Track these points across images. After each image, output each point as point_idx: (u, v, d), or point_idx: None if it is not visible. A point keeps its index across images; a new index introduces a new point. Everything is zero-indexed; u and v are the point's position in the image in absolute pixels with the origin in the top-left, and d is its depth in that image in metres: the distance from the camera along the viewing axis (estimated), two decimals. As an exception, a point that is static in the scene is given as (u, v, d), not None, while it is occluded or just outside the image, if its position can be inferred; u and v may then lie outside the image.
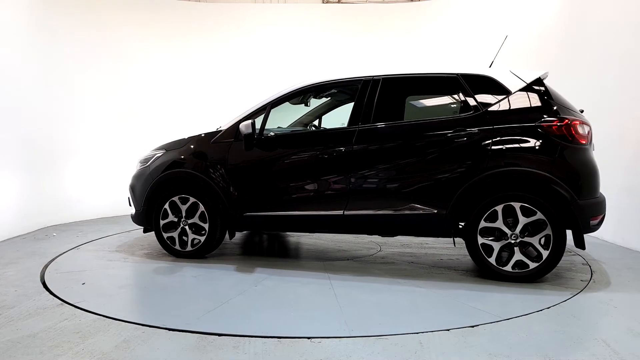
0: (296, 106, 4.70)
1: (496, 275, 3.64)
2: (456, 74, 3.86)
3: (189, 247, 4.44)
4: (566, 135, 3.53)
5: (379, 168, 3.86)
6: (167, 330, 2.72)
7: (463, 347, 2.49)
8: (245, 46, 8.15)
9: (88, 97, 7.07)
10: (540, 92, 3.70)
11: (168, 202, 4.42)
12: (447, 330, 2.71)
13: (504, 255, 3.64)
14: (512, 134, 3.61)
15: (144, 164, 4.67)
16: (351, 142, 3.92)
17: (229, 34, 8.15)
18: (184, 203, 4.40)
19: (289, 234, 5.72)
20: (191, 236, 4.42)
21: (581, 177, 3.56)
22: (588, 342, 2.56)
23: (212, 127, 4.63)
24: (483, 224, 3.63)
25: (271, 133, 4.26)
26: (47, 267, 4.22)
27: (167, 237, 4.49)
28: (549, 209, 3.48)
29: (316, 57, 8.10)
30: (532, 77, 3.77)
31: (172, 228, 4.47)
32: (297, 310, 3.10)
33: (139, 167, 4.72)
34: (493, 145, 3.62)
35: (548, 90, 3.71)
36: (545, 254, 3.53)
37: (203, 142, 4.42)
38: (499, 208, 3.58)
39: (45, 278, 3.88)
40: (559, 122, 3.55)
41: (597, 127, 4.03)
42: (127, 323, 2.84)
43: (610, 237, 5.13)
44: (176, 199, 4.41)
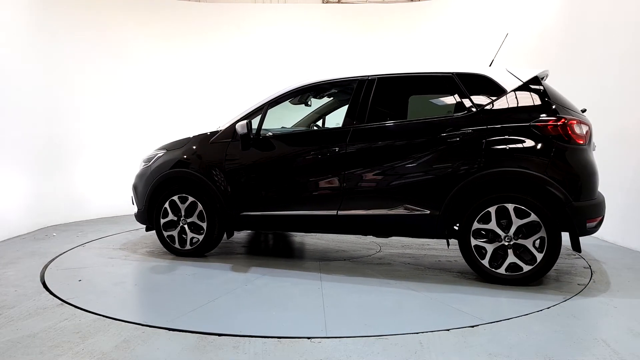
0: (299, 106, 4.70)
1: (490, 278, 3.57)
2: (451, 73, 3.82)
3: (188, 246, 4.50)
4: (562, 135, 3.45)
5: (371, 168, 3.84)
6: (167, 330, 2.72)
7: (463, 347, 2.49)
8: (245, 46, 8.15)
9: (88, 97, 7.07)
10: (537, 91, 3.62)
11: (168, 201, 4.48)
12: (447, 330, 2.71)
13: (497, 258, 3.55)
14: (506, 134, 3.54)
15: (146, 164, 4.75)
16: (345, 142, 3.91)
17: (229, 34, 8.15)
18: (183, 202, 4.45)
19: (293, 234, 5.72)
20: (190, 235, 4.47)
21: (577, 178, 3.46)
22: (588, 342, 2.56)
23: (212, 127, 4.65)
24: (476, 225, 3.56)
25: (269, 133, 4.27)
26: (47, 266, 4.22)
27: (167, 236, 4.55)
28: (543, 210, 3.39)
29: (316, 57, 8.10)
30: (529, 75, 3.69)
31: (172, 227, 4.53)
32: (280, 309, 3.10)
33: (142, 167, 4.80)
34: (486, 146, 3.55)
35: (545, 89, 3.64)
36: (539, 256, 3.43)
37: (202, 142, 4.47)
38: (492, 209, 3.51)
39: (45, 276, 3.89)
40: (554, 121, 3.46)
41: (598, 127, 4.01)
42: (127, 323, 2.84)
43: (610, 237, 5.13)
44: (176, 198, 4.46)
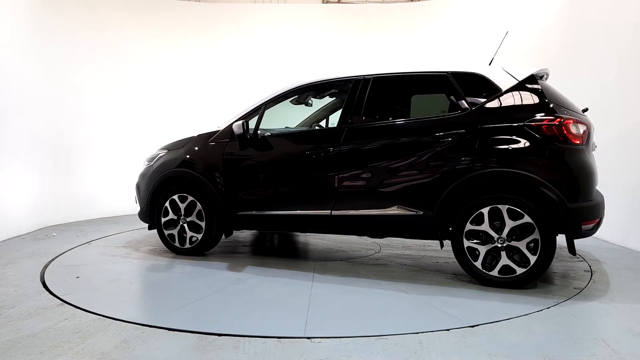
0: (300, 106, 4.70)
1: (482, 280, 3.51)
2: (446, 73, 3.76)
3: (187, 245, 4.55)
4: (557, 135, 3.35)
5: (365, 168, 3.82)
6: (167, 330, 2.72)
7: (463, 347, 2.49)
8: (246, 46, 8.15)
9: (89, 97, 7.06)
10: (533, 89, 3.54)
11: (168, 201, 4.54)
12: (447, 330, 2.71)
13: (490, 260, 3.48)
14: (500, 134, 3.47)
15: (149, 163, 4.84)
16: (339, 142, 3.90)
17: (229, 34, 8.15)
18: (182, 201, 4.50)
19: (297, 234, 5.71)
20: (189, 234, 4.53)
21: (572, 179, 3.37)
22: (588, 342, 2.56)
23: (212, 127, 4.68)
24: (469, 227, 3.50)
25: (267, 133, 4.28)
26: (47, 266, 4.22)
27: (168, 235, 4.61)
28: (536, 212, 3.31)
29: (316, 57, 8.10)
30: (525, 74, 3.61)
31: (172, 225, 4.59)
32: (265, 309, 3.11)
33: (145, 166, 4.88)
34: (479, 146, 3.49)
35: (542, 87, 3.56)
36: (532, 259, 3.34)
37: (201, 142, 4.52)
38: (485, 210, 3.44)
39: (45, 275, 3.90)
40: (549, 121, 3.37)
41: (598, 127, 3.99)
42: (127, 323, 2.84)
43: (610, 237, 5.13)
44: (176, 197, 4.52)
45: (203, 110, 7.85)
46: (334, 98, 4.80)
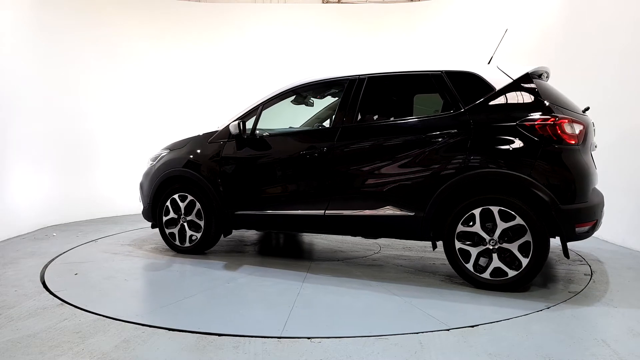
0: (299, 106, 4.70)
1: (474, 282, 3.44)
2: (441, 72, 3.71)
3: (187, 243, 4.60)
4: (551, 135, 3.26)
5: (357, 168, 3.79)
6: (167, 330, 2.72)
7: (463, 347, 2.49)
8: (246, 46, 8.16)
9: (90, 97, 7.06)
10: (528, 88, 3.45)
11: (169, 200, 4.61)
12: (447, 330, 2.71)
13: (482, 262, 3.42)
14: (492, 134, 3.40)
15: (152, 162, 4.92)
16: (333, 142, 3.89)
17: (229, 34, 8.15)
18: (182, 200, 4.56)
19: (302, 233, 5.71)
20: (189, 232, 4.58)
21: (565, 180, 3.28)
22: (588, 342, 2.56)
23: (213, 126, 4.71)
24: (461, 228, 3.43)
25: (266, 133, 4.29)
26: (47, 266, 4.22)
27: (169, 233, 4.68)
28: (528, 213, 3.23)
29: (316, 57, 8.10)
30: (520, 73, 3.53)
31: (173, 224, 4.65)
32: (248, 308, 3.12)
33: (148, 165, 4.96)
34: (471, 146, 3.43)
35: (538, 86, 3.46)
36: (524, 261, 3.26)
37: (201, 142, 4.58)
38: (476, 212, 3.37)
39: (45, 275, 3.91)
40: (542, 120, 3.28)
41: (598, 126, 3.98)
42: (127, 323, 2.84)
43: (610, 237, 5.13)
44: (176, 196, 4.58)
45: (204, 109, 7.86)
46: (336, 98, 4.79)
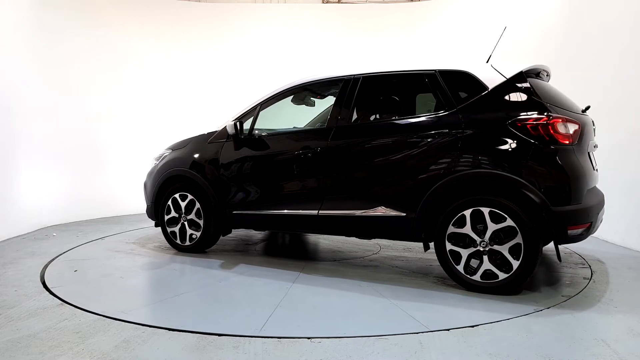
0: (299, 106, 4.70)
1: (465, 285, 3.38)
2: (434, 71, 3.66)
3: (187, 242, 4.65)
4: (543, 134, 3.18)
5: (350, 168, 3.78)
6: (167, 330, 2.72)
7: (463, 347, 2.49)
8: (246, 46, 8.15)
9: (90, 97, 7.05)
10: (522, 88, 3.38)
11: (171, 199, 4.68)
12: (447, 330, 2.71)
13: (473, 264, 3.36)
14: (483, 134, 3.35)
15: (155, 162, 5.01)
16: (327, 142, 3.89)
17: (229, 34, 8.15)
18: (183, 200, 4.62)
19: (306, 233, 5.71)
20: (189, 231, 4.63)
21: (557, 181, 3.19)
22: (588, 342, 2.56)
23: (213, 126, 4.73)
24: (452, 229, 3.37)
25: (264, 133, 4.31)
26: (47, 266, 4.22)
27: (170, 232, 4.74)
28: (519, 215, 3.16)
29: (316, 58, 8.10)
30: (514, 71, 3.45)
31: (174, 223, 4.71)
32: (232, 307, 3.13)
33: (152, 165, 5.04)
34: (462, 146, 3.37)
35: (532, 85, 3.38)
36: (515, 264, 3.19)
37: (201, 143, 4.63)
38: (467, 213, 3.31)
39: (45, 275, 3.91)
40: (534, 120, 3.21)
41: (598, 126, 3.96)
42: (127, 323, 2.84)
43: (610, 237, 5.13)
44: (177, 196, 4.65)
45: (204, 109, 7.85)
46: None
